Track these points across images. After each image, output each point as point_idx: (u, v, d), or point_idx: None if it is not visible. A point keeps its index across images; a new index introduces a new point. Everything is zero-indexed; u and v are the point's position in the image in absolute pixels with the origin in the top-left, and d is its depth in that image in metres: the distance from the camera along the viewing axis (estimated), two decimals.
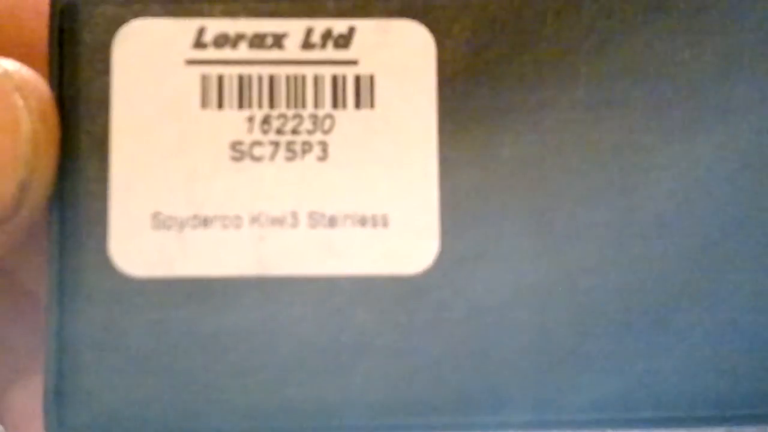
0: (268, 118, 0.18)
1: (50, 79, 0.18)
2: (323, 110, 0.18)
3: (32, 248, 0.19)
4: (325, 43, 0.18)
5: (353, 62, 0.18)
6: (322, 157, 0.18)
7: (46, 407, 0.18)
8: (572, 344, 0.18)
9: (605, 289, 0.18)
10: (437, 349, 0.18)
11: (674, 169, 0.19)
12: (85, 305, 0.18)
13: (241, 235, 0.18)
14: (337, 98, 0.18)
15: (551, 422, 0.18)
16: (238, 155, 0.18)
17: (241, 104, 0.18)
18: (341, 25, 0.18)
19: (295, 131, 0.18)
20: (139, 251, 0.18)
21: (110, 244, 0.18)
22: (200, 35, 0.18)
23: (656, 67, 0.19)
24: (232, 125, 0.18)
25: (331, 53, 0.18)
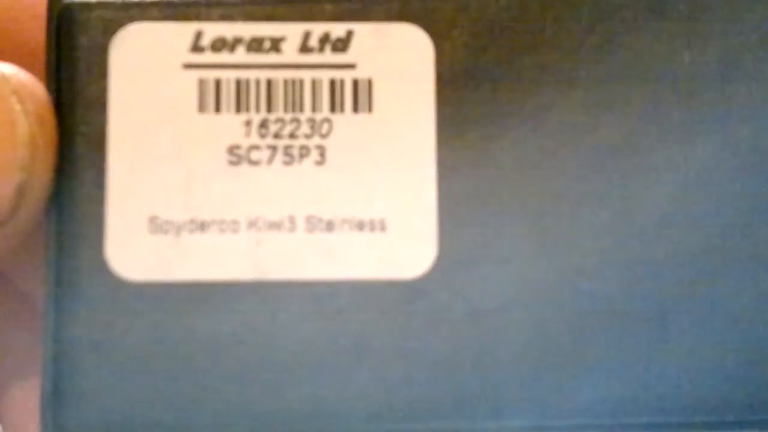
0: (265, 122, 0.18)
1: (47, 82, 0.18)
2: (321, 114, 0.18)
3: (29, 251, 0.19)
4: (323, 47, 0.18)
5: (351, 66, 0.18)
6: (319, 161, 0.18)
7: (42, 409, 0.18)
8: (571, 348, 0.18)
9: (604, 292, 0.18)
10: (435, 353, 0.18)
11: (673, 171, 0.18)
12: (81, 309, 0.18)
13: (238, 239, 0.18)
14: (335, 102, 0.18)
15: (550, 427, 0.18)
16: (235, 159, 0.18)
17: (238, 108, 0.18)
18: (339, 28, 0.18)
19: (292, 135, 0.18)
20: (136, 255, 0.18)
21: (107, 247, 0.18)
22: (198, 39, 0.18)
23: (655, 69, 0.19)
24: (229, 129, 0.18)
25: (329, 57, 0.18)
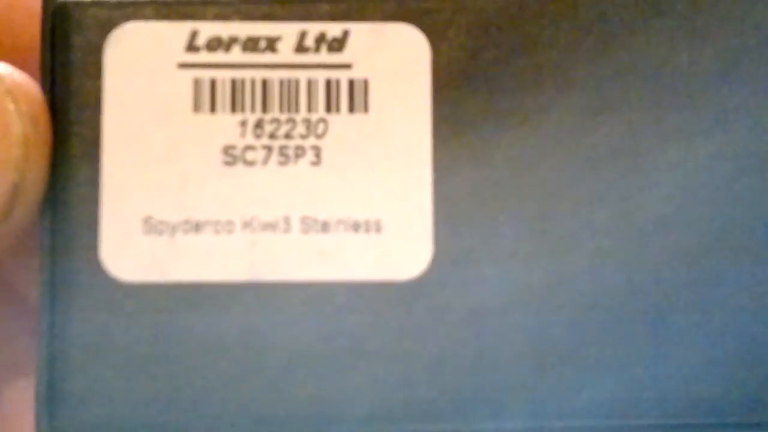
0: (260, 122, 0.18)
1: (42, 81, 0.18)
2: (316, 114, 0.18)
3: (26, 249, 0.19)
4: (318, 46, 0.18)
5: (347, 66, 0.18)
6: (315, 161, 0.18)
7: (37, 410, 0.18)
8: (569, 349, 0.18)
9: (602, 293, 0.18)
10: (432, 354, 0.18)
11: (672, 172, 0.18)
12: (76, 310, 0.18)
13: (233, 240, 0.18)
14: (330, 102, 0.18)
15: (548, 428, 0.18)
16: (230, 160, 0.18)
17: (233, 108, 0.18)
18: (335, 28, 0.18)
19: (288, 136, 0.18)
20: (130, 256, 0.18)
21: (102, 248, 0.18)
22: (193, 38, 0.18)
23: (654, 70, 0.18)
24: (224, 129, 0.18)
25: (324, 57, 0.18)
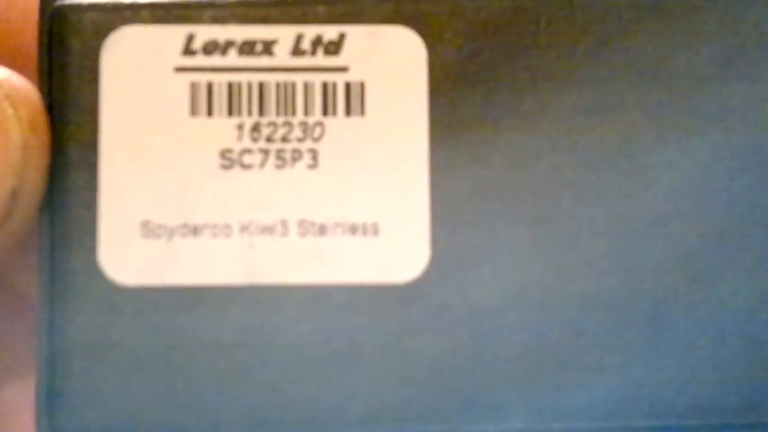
0: (257, 125, 0.18)
1: (39, 85, 0.18)
2: (313, 118, 0.18)
3: (26, 251, 0.19)
4: (315, 49, 0.18)
5: (344, 69, 0.18)
6: (312, 165, 0.18)
7: (38, 412, 0.18)
8: (567, 351, 0.18)
9: (600, 294, 0.18)
10: (430, 356, 0.18)
11: (671, 172, 0.18)
12: (75, 312, 0.18)
13: (231, 243, 0.18)
14: (327, 105, 0.18)
15: (547, 429, 0.18)
16: (227, 163, 0.18)
17: (230, 112, 0.18)
18: (331, 31, 0.18)
19: (285, 139, 0.18)
20: (128, 259, 0.18)
21: (100, 252, 0.18)
22: (189, 42, 0.18)
23: (652, 70, 0.18)
24: (221, 133, 0.18)
25: (321, 60, 0.18)
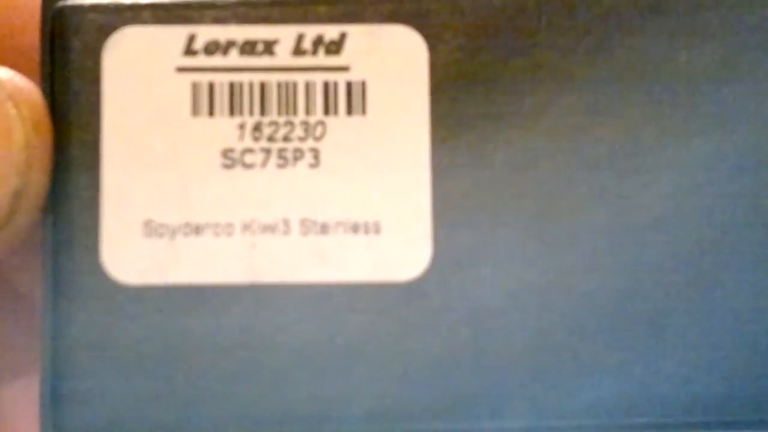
0: (259, 125, 0.18)
1: (42, 85, 0.18)
2: (315, 117, 0.18)
3: (27, 251, 0.19)
4: (316, 49, 0.18)
5: (345, 68, 0.18)
6: (313, 164, 0.18)
7: (42, 412, 0.18)
8: (568, 349, 0.18)
9: (601, 293, 0.18)
10: (431, 355, 0.18)
11: (671, 172, 0.18)
12: (78, 312, 0.18)
13: (233, 242, 0.18)
14: (328, 105, 0.18)
15: (548, 427, 0.18)
16: (229, 163, 0.18)
17: (232, 111, 0.18)
18: (332, 30, 0.18)
19: (286, 138, 0.18)
20: (131, 259, 0.18)
21: (102, 251, 0.18)
22: (191, 42, 0.18)
23: (652, 70, 0.18)
24: (223, 133, 0.18)
25: (322, 59, 0.18)
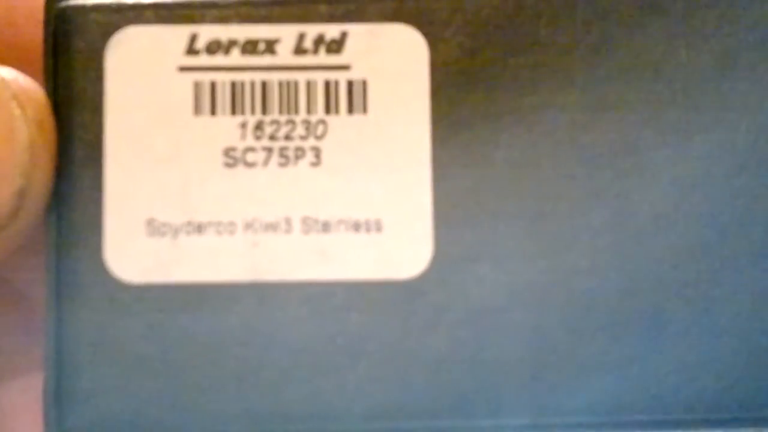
0: (260, 124, 0.18)
1: (45, 85, 0.18)
2: (316, 116, 0.18)
3: (28, 251, 0.19)
4: (317, 48, 0.18)
5: (346, 67, 0.18)
6: (315, 162, 0.18)
7: (46, 410, 0.18)
8: (568, 347, 0.18)
9: (601, 291, 0.18)
10: (432, 353, 0.18)
11: (670, 170, 0.18)
12: (82, 311, 0.18)
13: (235, 240, 0.18)
14: (329, 104, 0.18)
15: (548, 425, 0.18)
16: (231, 161, 0.18)
17: (233, 110, 0.18)
18: (333, 30, 0.18)
19: (287, 137, 0.18)
20: (134, 258, 0.18)
21: (106, 250, 0.18)
22: (193, 42, 0.18)
23: (652, 68, 0.19)
24: (225, 131, 0.18)
25: (323, 58, 0.18)
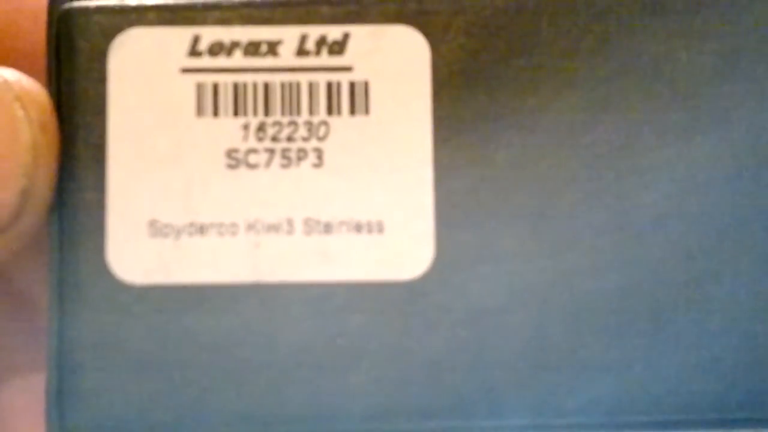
0: (263, 125, 0.18)
1: (48, 87, 0.18)
2: (318, 117, 0.18)
3: (29, 252, 0.19)
4: (319, 49, 0.18)
5: (348, 69, 0.18)
6: (317, 164, 0.18)
7: (48, 410, 0.18)
8: (569, 348, 0.18)
9: (601, 292, 0.18)
10: (433, 353, 0.18)
11: (671, 171, 0.18)
12: (84, 311, 0.18)
13: (237, 242, 0.18)
14: (331, 105, 0.18)
15: (548, 425, 0.18)
16: (233, 163, 0.18)
17: (236, 112, 0.18)
18: (335, 31, 0.18)
19: (290, 138, 0.18)
20: (136, 258, 0.18)
21: (108, 251, 0.18)
22: (195, 43, 0.18)
23: (653, 69, 0.19)
24: (227, 133, 0.18)
25: (325, 60, 0.18)
